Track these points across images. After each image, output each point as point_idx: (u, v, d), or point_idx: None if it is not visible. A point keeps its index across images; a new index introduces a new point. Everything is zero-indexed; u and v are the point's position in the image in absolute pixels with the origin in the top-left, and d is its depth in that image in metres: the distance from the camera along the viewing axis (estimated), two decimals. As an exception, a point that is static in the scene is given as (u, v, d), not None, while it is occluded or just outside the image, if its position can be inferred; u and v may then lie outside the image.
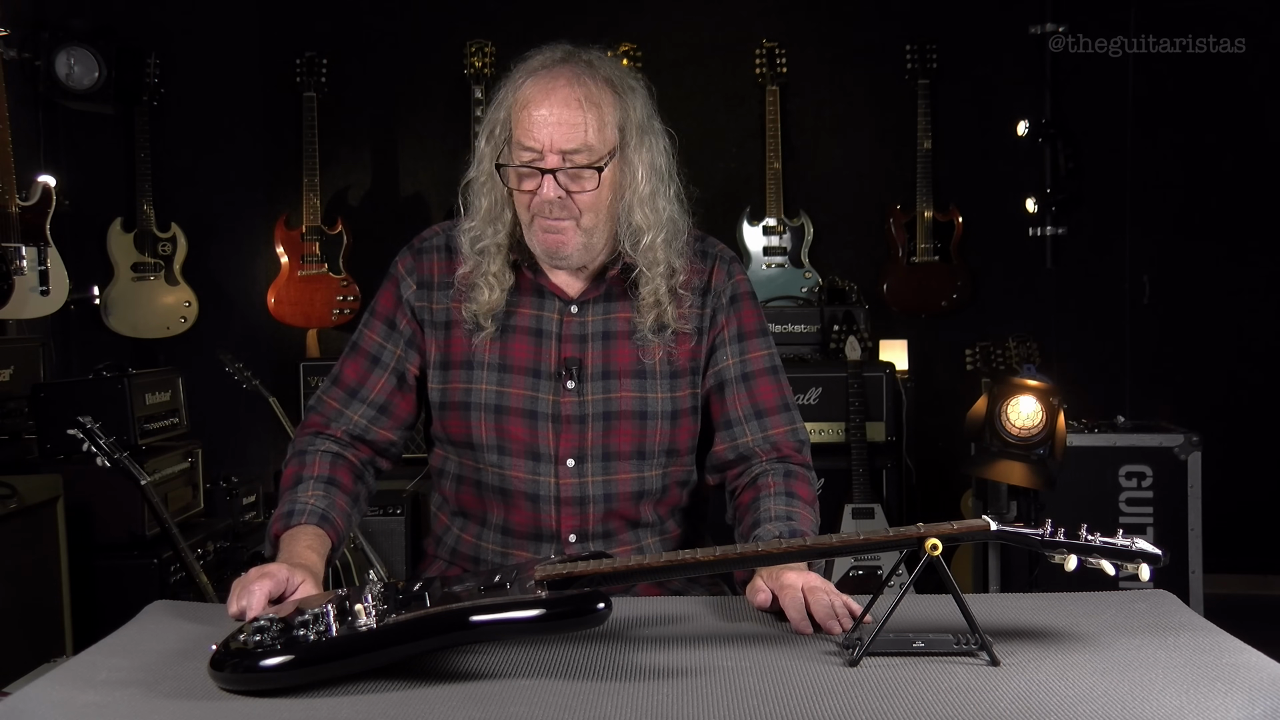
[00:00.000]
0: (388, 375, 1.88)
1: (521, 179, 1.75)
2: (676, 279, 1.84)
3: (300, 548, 1.69)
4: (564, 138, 1.71)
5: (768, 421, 1.88)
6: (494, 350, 1.84)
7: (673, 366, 1.86)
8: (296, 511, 1.76)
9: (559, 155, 1.72)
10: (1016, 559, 3.81)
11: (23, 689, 1.36)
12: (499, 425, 1.82)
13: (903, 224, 4.78)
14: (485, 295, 1.81)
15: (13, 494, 2.87)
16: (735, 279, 1.93)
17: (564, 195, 1.74)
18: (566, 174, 1.73)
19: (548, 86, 1.73)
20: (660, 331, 1.84)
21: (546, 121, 1.71)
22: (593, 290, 1.86)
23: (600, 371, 1.84)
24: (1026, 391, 3.51)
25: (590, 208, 1.76)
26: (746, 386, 1.88)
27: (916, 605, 1.58)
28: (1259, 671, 1.33)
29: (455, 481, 1.91)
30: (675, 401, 1.86)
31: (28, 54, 4.07)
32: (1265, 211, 4.75)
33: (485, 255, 1.82)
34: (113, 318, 4.55)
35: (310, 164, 4.70)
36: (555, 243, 1.77)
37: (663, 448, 1.86)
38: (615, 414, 1.83)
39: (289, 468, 1.85)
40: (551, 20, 4.58)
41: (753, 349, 1.90)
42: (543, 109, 1.72)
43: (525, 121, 1.73)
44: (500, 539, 1.87)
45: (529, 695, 1.29)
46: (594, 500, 1.83)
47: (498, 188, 1.80)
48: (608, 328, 1.86)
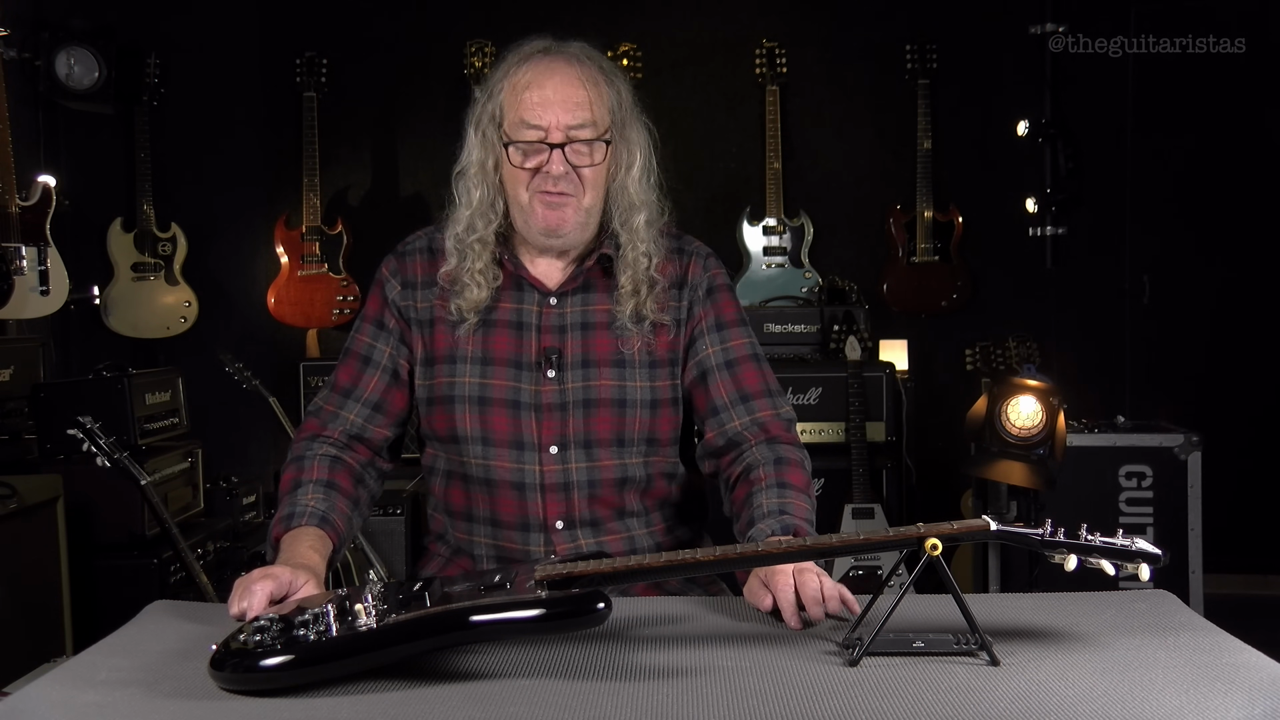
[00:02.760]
0: (380, 373, 1.91)
1: (526, 156, 1.80)
2: (652, 266, 1.88)
3: (302, 549, 1.70)
4: (569, 115, 1.79)
5: (754, 405, 1.90)
6: (476, 344, 1.88)
7: (652, 357, 1.89)
8: (297, 514, 1.77)
9: (562, 132, 1.79)
10: (1016, 559, 3.81)
11: (23, 689, 1.36)
12: (483, 417, 1.85)
13: (903, 224, 4.78)
14: (474, 292, 1.86)
15: (13, 494, 2.87)
16: (711, 272, 1.96)
17: (569, 170, 1.80)
18: (573, 148, 1.79)
19: (546, 68, 1.81)
20: (639, 322, 1.88)
21: (551, 100, 1.78)
22: (571, 282, 1.90)
23: (580, 360, 1.87)
24: (1026, 391, 3.51)
25: (593, 183, 1.83)
26: (730, 373, 1.91)
27: (916, 605, 1.58)
28: (1259, 671, 1.33)
29: (444, 478, 1.94)
30: (655, 391, 1.89)
31: (28, 54, 4.07)
32: (1265, 212, 4.74)
33: (471, 251, 1.86)
34: (113, 318, 4.55)
35: (310, 164, 4.70)
36: (556, 220, 1.82)
37: (642, 436, 1.88)
38: (595, 401, 1.86)
39: (287, 473, 1.87)
40: (551, 20, 4.56)
41: (734, 337, 1.93)
42: (545, 88, 1.79)
43: (527, 102, 1.79)
44: (490, 531, 1.89)
45: (529, 695, 1.29)
46: (578, 486, 1.86)
47: (489, 179, 1.86)
48: (586, 319, 1.89)
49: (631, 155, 1.87)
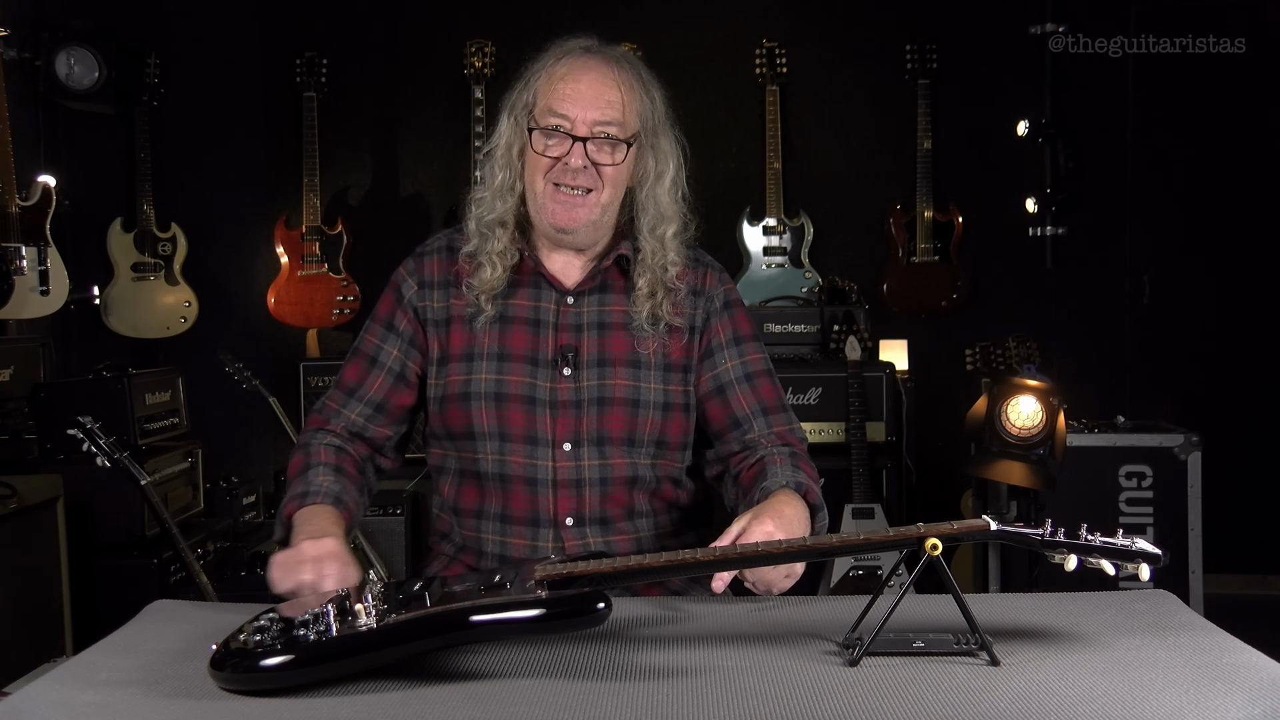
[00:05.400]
0: (385, 374, 1.93)
1: (548, 144, 1.82)
2: (671, 274, 1.90)
3: (326, 523, 1.72)
4: (598, 111, 1.81)
5: (772, 419, 1.95)
6: (493, 340, 1.89)
7: (667, 360, 1.91)
8: (311, 492, 1.80)
9: (587, 127, 1.81)
10: (1016, 559, 3.81)
11: (23, 689, 1.36)
12: (499, 412, 1.86)
13: (903, 224, 4.78)
14: (488, 273, 1.87)
15: (13, 494, 2.87)
16: (726, 286, 2.00)
17: (589, 166, 1.82)
18: (595, 144, 1.82)
19: (584, 64, 1.84)
20: (654, 324, 1.90)
21: (581, 94, 1.81)
22: (588, 281, 1.92)
23: (595, 359, 1.89)
24: (1026, 391, 3.51)
25: (612, 181, 1.85)
26: (751, 386, 1.95)
27: (916, 605, 1.58)
28: (1259, 671, 1.34)
29: (454, 476, 1.95)
30: (668, 394, 1.91)
31: (28, 54, 4.07)
32: (1265, 212, 4.74)
33: (492, 234, 1.88)
34: (113, 318, 4.55)
35: (310, 164, 4.70)
36: (567, 217, 1.84)
37: (652, 438, 1.90)
38: (609, 400, 1.88)
39: (295, 458, 1.90)
40: (551, 20, 4.56)
41: (750, 351, 1.97)
42: (579, 83, 1.82)
43: (560, 93, 1.82)
44: (499, 527, 1.90)
45: (529, 695, 1.29)
46: (589, 484, 1.87)
47: (513, 163, 1.88)
48: (603, 318, 1.91)
49: (663, 165, 1.90)
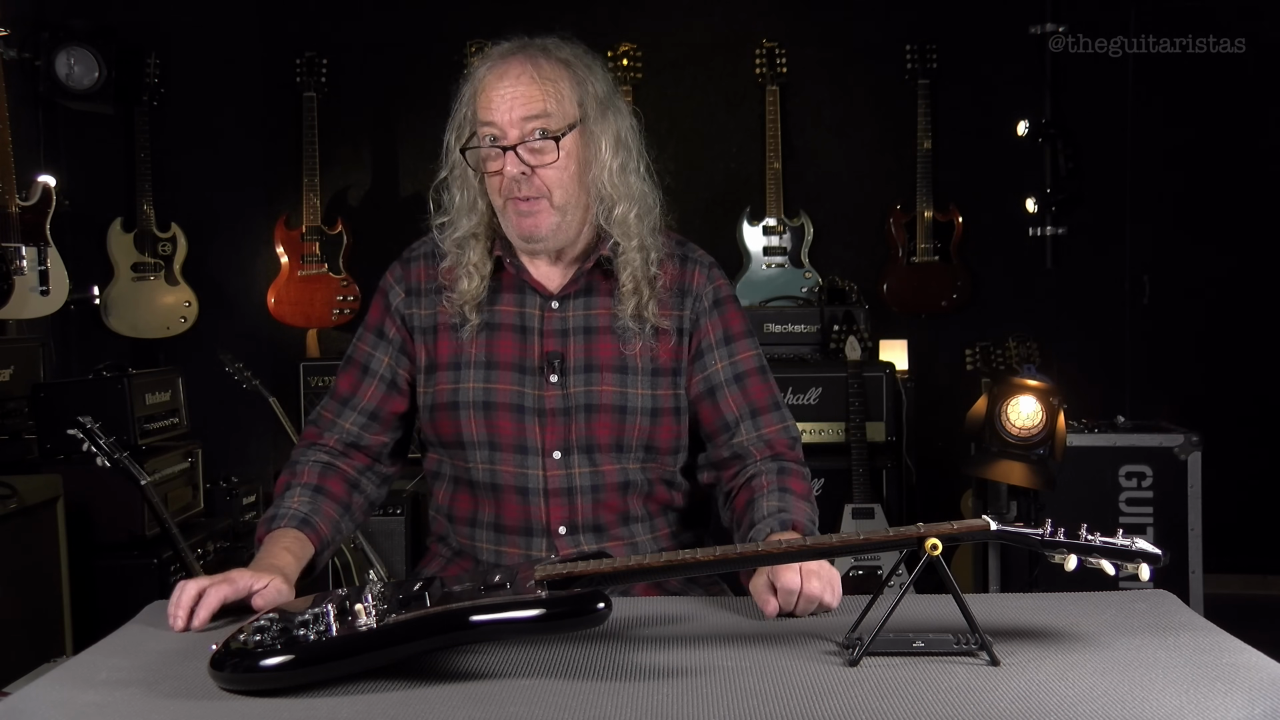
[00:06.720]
0: (378, 383, 1.92)
1: (487, 161, 1.80)
2: (653, 261, 1.86)
3: (276, 550, 1.74)
4: (520, 108, 1.77)
5: (761, 420, 1.91)
6: (480, 348, 1.88)
7: (655, 364, 1.88)
8: (279, 516, 1.81)
9: (517, 129, 1.77)
10: (1016, 559, 3.81)
11: (23, 689, 1.36)
12: (488, 421, 1.85)
13: (903, 224, 4.78)
14: (465, 284, 1.86)
15: (13, 494, 2.87)
16: (716, 283, 1.95)
17: (527, 171, 1.78)
18: (527, 148, 1.78)
19: (502, 68, 1.80)
20: (640, 324, 1.86)
21: (503, 97, 1.78)
22: (571, 285, 1.89)
23: (582, 365, 1.87)
24: (1026, 391, 3.51)
25: (557, 183, 1.80)
26: (740, 386, 1.91)
27: (916, 605, 1.58)
28: (1259, 671, 1.33)
29: (448, 483, 1.94)
30: (656, 399, 1.88)
31: (28, 54, 4.07)
32: (1265, 212, 4.74)
33: (464, 246, 1.87)
34: (113, 318, 4.55)
35: (310, 164, 4.70)
36: (529, 226, 1.81)
37: (640, 443, 1.87)
38: (596, 406, 1.85)
39: (281, 477, 1.90)
40: (552, 20, 4.56)
41: (741, 350, 1.93)
42: (499, 88, 1.78)
43: (484, 103, 1.79)
44: (493, 536, 1.89)
45: (529, 695, 1.29)
46: (581, 491, 1.86)
47: (469, 181, 1.86)
48: (589, 322, 1.89)
49: (603, 147, 1.82)
